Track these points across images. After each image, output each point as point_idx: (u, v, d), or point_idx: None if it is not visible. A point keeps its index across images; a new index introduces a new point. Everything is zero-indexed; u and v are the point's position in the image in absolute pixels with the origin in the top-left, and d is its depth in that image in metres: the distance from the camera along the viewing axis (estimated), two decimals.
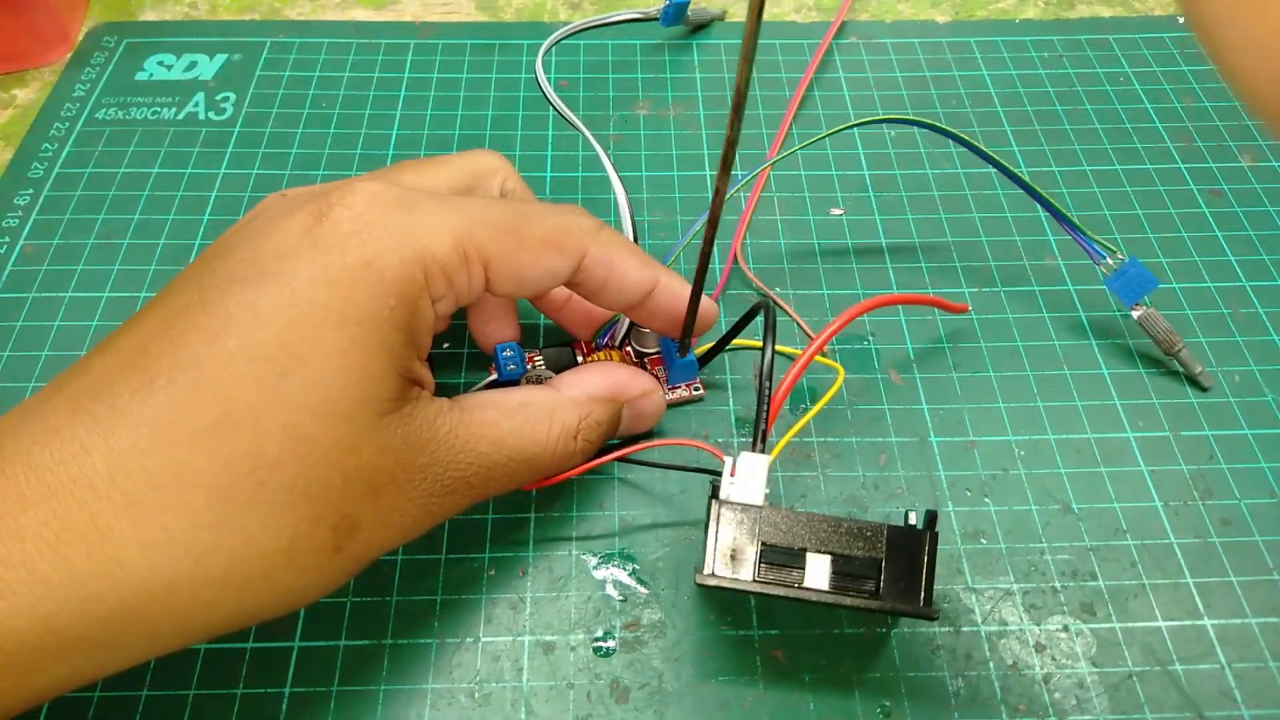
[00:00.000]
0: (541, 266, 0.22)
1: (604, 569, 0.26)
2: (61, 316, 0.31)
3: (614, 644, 0.24)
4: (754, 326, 0.27)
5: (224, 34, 0.41)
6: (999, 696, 0.24)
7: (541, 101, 0.33)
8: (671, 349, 0.27)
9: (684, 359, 0.27)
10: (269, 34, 0.41)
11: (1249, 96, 0.15)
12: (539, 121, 0.37)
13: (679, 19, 0.39)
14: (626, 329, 0.29)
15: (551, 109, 0.32)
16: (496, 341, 0.26)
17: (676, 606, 0.25)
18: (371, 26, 0.41)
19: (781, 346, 0.29)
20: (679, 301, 0.25)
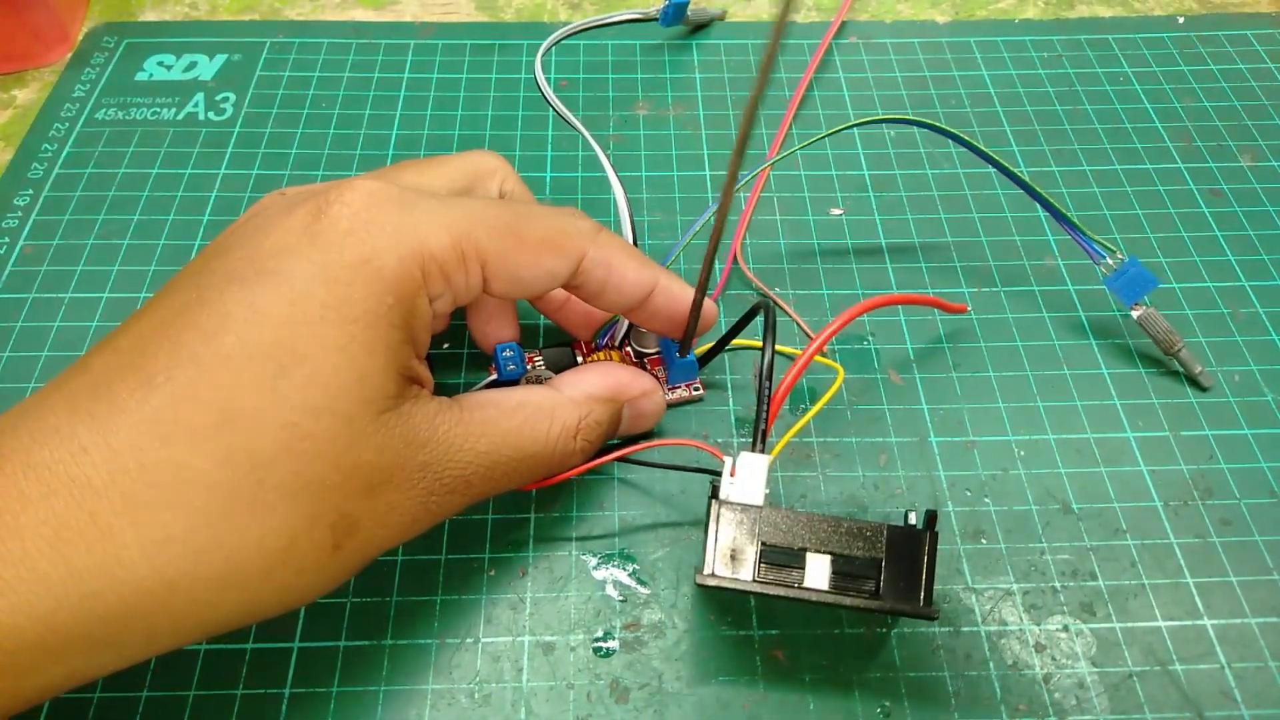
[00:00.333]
0: (540, 267, 0.22)
1: (604, 569, 0.26)
2: (61, 317, 0.31)
3: (614, 644, 0.24)
4: (754, 326, 0.27)
5: (224, 34, 0.41)
6: (999, 696, 0.24)
7: (541, 102, 0.33)
8: (671, 349, 0.27)
9: (684, 359, 0.27)
10: (269, 34, 0.41)
11: None
12: (539, 122, 0.37)
13: (679, 19, 0.39)
14: (626, 329, 0.29)
15: (551, 109, 0.32)
16: (496, 342, 0.26)
17: (676, 607, 0.25)
18: (371, 27, 0.41)
19: (781, 346, 0.29)
20: (678, 303, 0.25)
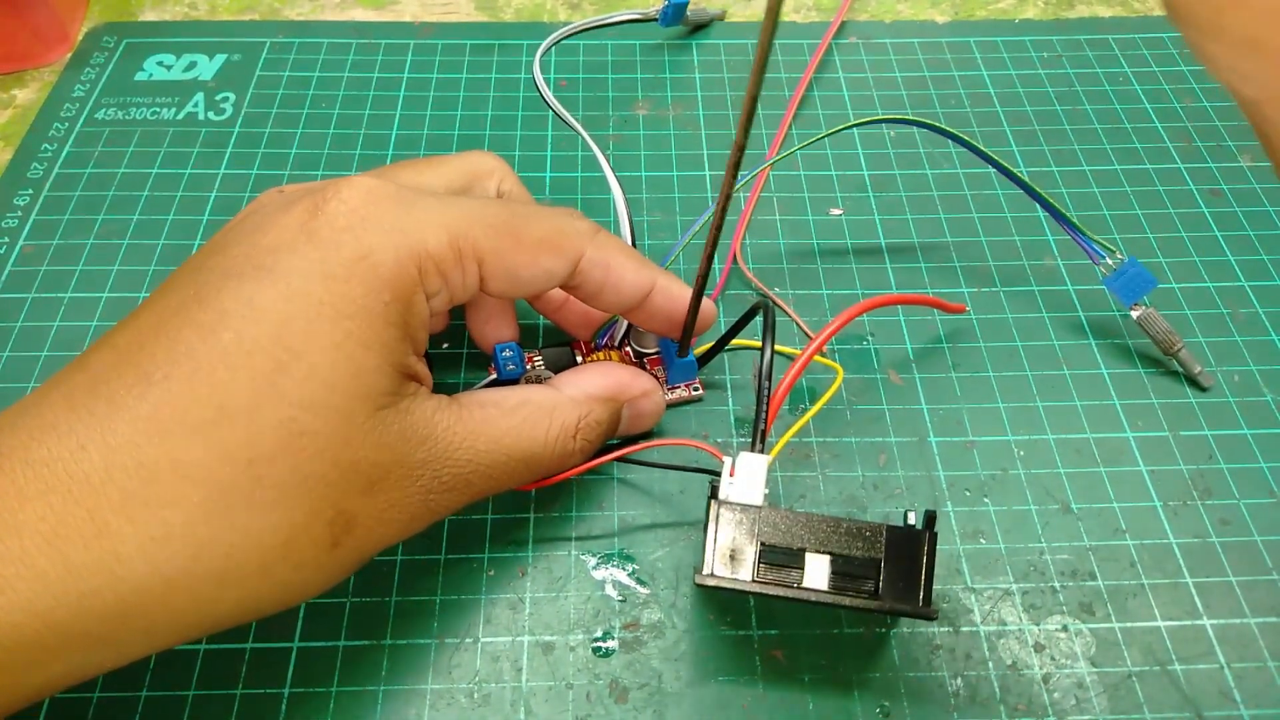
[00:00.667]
0: (537, 267, 0.22)
1: (603, 569, 0.26)
2: (61, 317, 0.31)
3: (613, 644, 0.24)
4: (753, 326, 0.26)
5: (223, 34, 0.41)
6: (998, 696, 0.24)
7: (541, 102, 0.33)
8: (671, 349, 0.27)
9: (683, 359, 0.27)
10: (269, 34, 0.41)
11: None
12: (538, 122, 0.37)
13: (678, 19, 0.39)
14: (625, 329, 0.29)
15: (550, 110, 0.32)
16: (495, 341, 0.26)
17: (676, 607, 0.25)
18: (371, 27, 0.41)
19: (781, 346, 0.29)
20: (676, 303, 0.25)
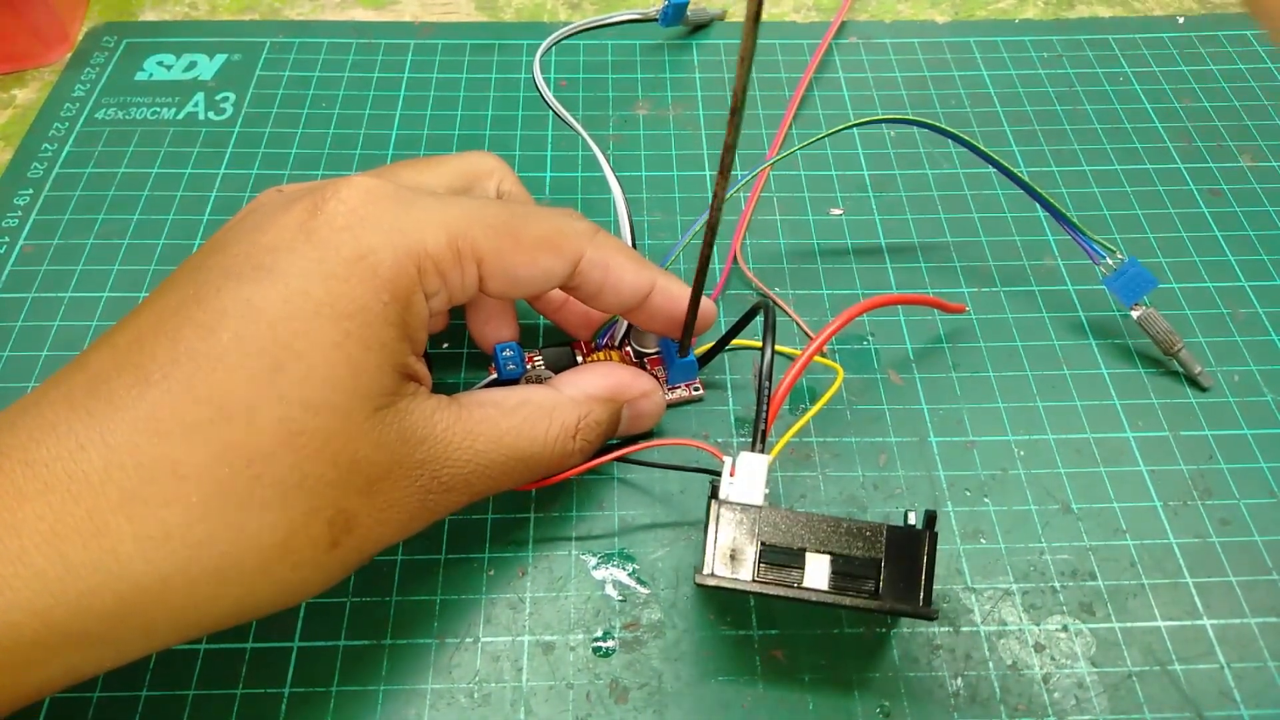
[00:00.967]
0: (536, 267, 0.22)
1: (603, 569, 0.26)
2: (61, 316, 0.31)
3: (613, 644, 0.24)
4: (753, 326, 0.27)
5: (224, 34, 0.41)
6: (998, 696, 0.24)
7: (541, 101, 0.33)
8: (671, 349, 0.27)
9: (684, 359, 0.27)
10: (269, 34, 0.41)
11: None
12: (538, 122, 0.37)
13: (678, 19, 0.39)
14: (625, 329, 0.29)
15: (550, 110, 0.32)
16: (495, 341, 0.26)
17: (676, 606, 0.25)
18: (371, 26, 0.41)
19: (781, 346, 0.29)
20: (676, 303, 0.25)
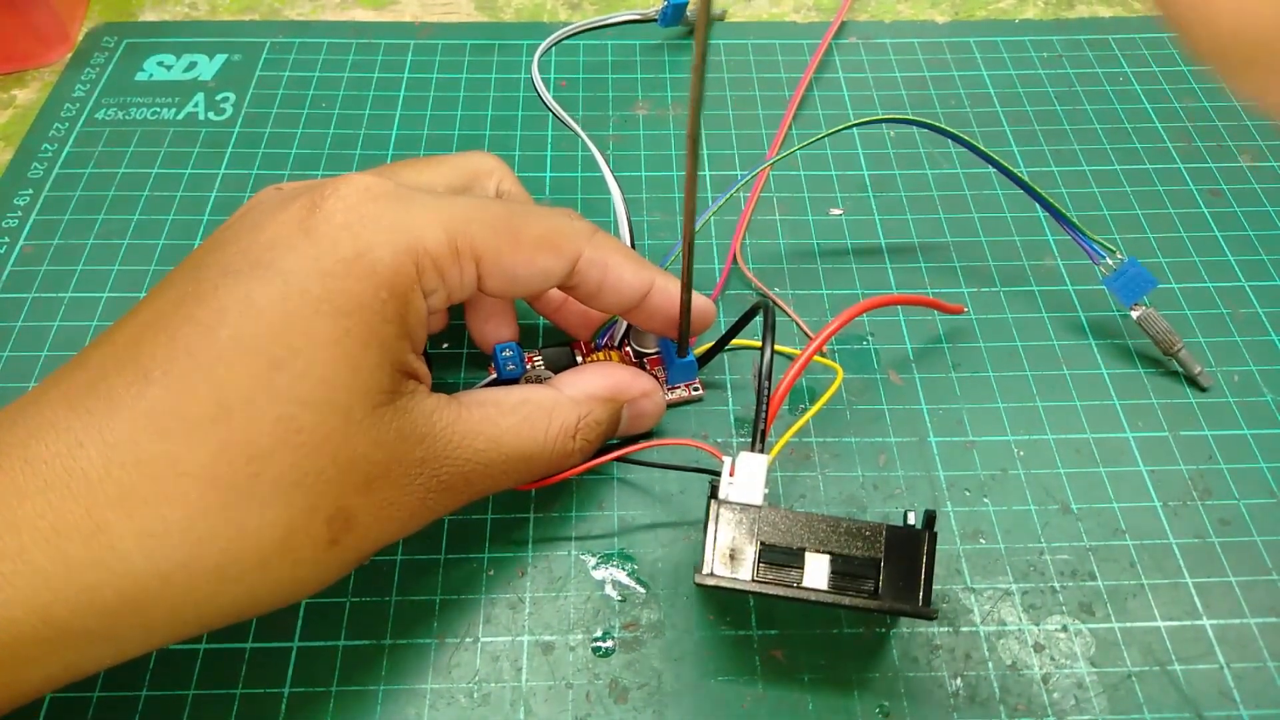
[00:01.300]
0: (535, 266, 0.22)
1: (603, 569, 0.26)
2: (61, 317, 0.31)
3: (613, 644, 0.24)
4: (753, 326, 0.27)
5: (224, 34, 0.41)
6: (998, 696, 0.24)
7: (540, 102, 0.33)
8: (671, 349, 0.27)
9: (683, 359, 0.27)
10: (269, 34, 0.41)
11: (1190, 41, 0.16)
12: (538, 122, 0.37)
13: (678, 20, 0.39)
14: (625, 329, 0.29)
15: (550, 110, 0.32)
16: (495, 341, 0.26)
17: (675, 606, 0.25)
18: (371, 27, 0.41)
19: (781, 346, 0.29)
20: (675, 303, 0.25)
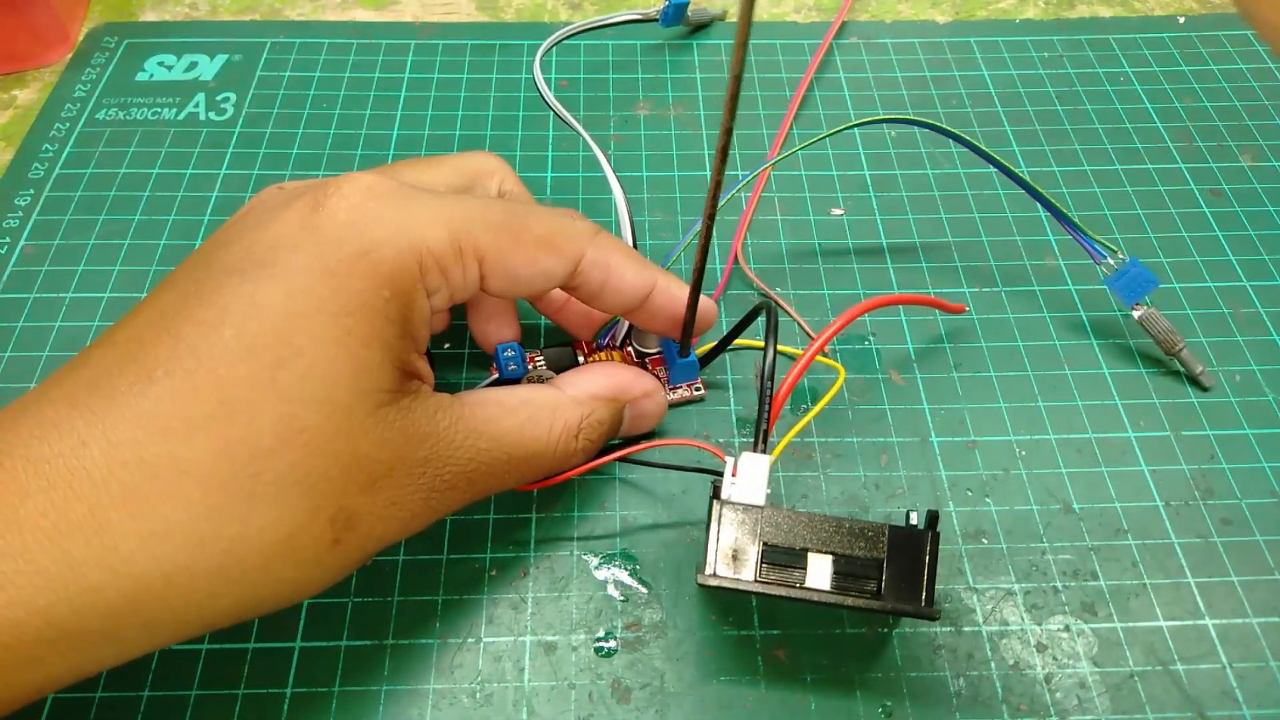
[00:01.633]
0: (537, 266, 0.22)
1: (605, 569, 0.26)
2: (62, 317, 0.31)
3: (615, 644, 0.24)
4: (755, 326, 0.27)
5: (224, 34, 0.41)
6: (1000, 696, 0.24)
7: (542, 102, 0.33)
8: (673, 349, 0.27)
9: (685, 359, 0.27)
10: (269, 34, 0.41)
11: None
12: (539, 122, 0.37)
13: (679, 19, 0.39)
14: (627, 329, 0.29)
15: (551, 110, 0.32)
16: (497, 341, 0.26)
17: (678, 606, 0.25)
18: (371, 27, 0.41)
19: (782, 346, 0.29)
20: (677, 303, 0.25)
